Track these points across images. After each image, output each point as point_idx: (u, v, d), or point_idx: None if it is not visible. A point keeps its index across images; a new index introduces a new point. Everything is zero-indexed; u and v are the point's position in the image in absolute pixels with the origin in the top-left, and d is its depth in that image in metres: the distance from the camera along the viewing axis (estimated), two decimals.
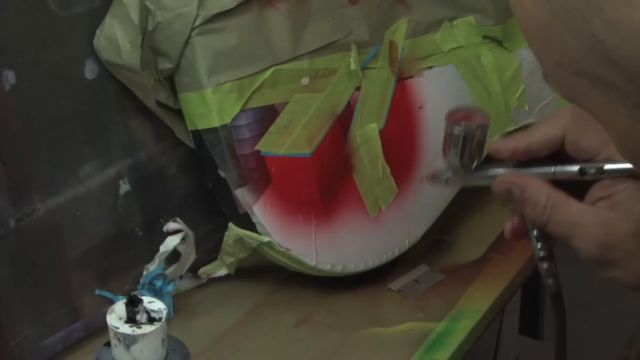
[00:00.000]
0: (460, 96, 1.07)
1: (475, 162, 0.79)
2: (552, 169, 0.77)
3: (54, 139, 0.88)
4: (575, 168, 0.76)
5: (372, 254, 1.00)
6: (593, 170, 0.75)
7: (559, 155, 0.77)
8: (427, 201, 1.04)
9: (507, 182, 0.77)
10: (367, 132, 0.99)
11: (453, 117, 0.78)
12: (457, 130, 0.77)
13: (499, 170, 0.78)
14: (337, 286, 1.00)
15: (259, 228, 0.93)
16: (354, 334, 0.95)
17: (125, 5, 0.88)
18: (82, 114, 0.90)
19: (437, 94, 1.05)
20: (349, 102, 0.98)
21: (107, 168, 0.92)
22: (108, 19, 0.89)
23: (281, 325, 0.96)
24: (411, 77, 1.04)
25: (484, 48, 1.08)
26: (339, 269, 0.98)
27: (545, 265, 0.78)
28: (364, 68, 0.99)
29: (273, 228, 0.93)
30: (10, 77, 0.85)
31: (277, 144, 0.93)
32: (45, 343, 0.88)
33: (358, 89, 0.99)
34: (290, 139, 0.94)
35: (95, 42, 0.90)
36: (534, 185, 0.76)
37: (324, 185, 0.96)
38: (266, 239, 0.93)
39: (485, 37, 1.08)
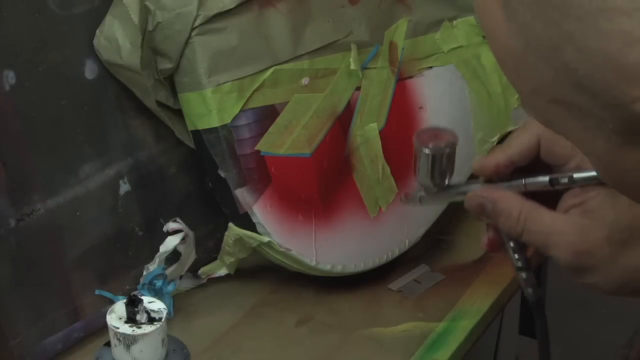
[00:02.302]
0: (460, 96, 1.07)
1: (447, 179, 0.80)
2: (523, 181, 0.77)
3: (54, 139, 0.88)
4: (546, 179, 0.76)
5: (372, 254, 1.00)
6: (564, 180, 0.75)
7: (537, 162, 0.78)
8: None
9: (479, 197, 0.78)
10: (367, 132, 0.99)
11: (421, 137, 0.79)
12: (426, 150, 0.78)
13: (471, 186, 0.79)
14: (337, 286, 1.00)
15: (259, 228, 0.93)
16: (354, 334, 0.95)
17: (125, 5, 0.88)
18: (82, 114, 0.90)
19: (437, 94, 1.05)
20: (349, 102, 0.98)
21: (107, 168, 0.92)
22: (108, 19, 0.89)
23: (281, 325, 0.96)
24: (411, 77, 1.04)
25: (484, 48, 1.08)
26: (339, 269, 0.98)
27: (524, 275, 0.79)
28: (364, 68, 0.99)
29: (273, 228, 0.93)
30: (10, 77, 0.85)
31: (277, 144, 0.93)
32: (45, 343, 0.88)
33: (358, 89, 0.99)
34: (290, 139, 0.94)
35: (95, 42, 0.90)
36: (506, 198, 0.77)
37: (324, 185, 0.96)
38: (266, 239, 0.93)
39: (485, 37, 1.08)
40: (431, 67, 1.06)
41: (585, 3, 0.45)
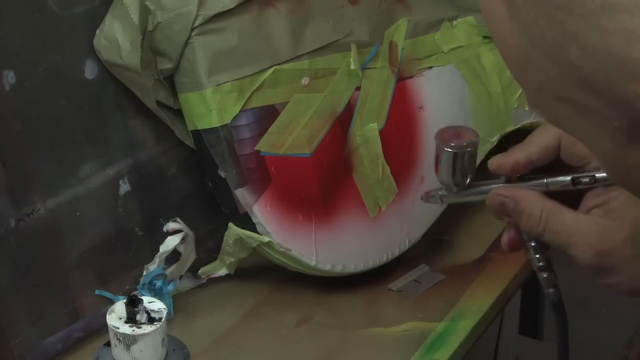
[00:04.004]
0: (460, 96, 1.07)
1: (468, 178, 0.80)
2: (545, 180, 0.77)
3: (54, 139, 0.88)
4: (568, 178, 0.76)
5: (372, 254, 1.00)
6: (586, 179, 0.75)
7: (557, 163, 0.78)
8: None
9: (501, 196, 0.78)
10: (367, 132, 0.99)
11: (443, 136, 0.79)
12: (448, 149, 0.78)
13: (492, 185, 0.79)
14: (337, 286, 1.00)
15: (259, 228, 0.93)
16: (354, 334, 0.95)
17: (125, 5, 0.88)
18: (82, 114, 0.90)
19: (437, 94, 1.05)
20: (349, 102, 0.98)
21: (107, 168, 0.92)
22: (108, 19, 0.89)
23: (281, 325, 0.96)
24: (411, 77, 1.04)
25: (484, 48, 1.08)
26: (339, 269, 0.98)
27: (545, 275, 0.78)
28: (364, 68, 0.99)
29: (273, 228, 0.93)
30: (10, 77, 0.85)
31: (277, 144, 0.93)
32: (45, 343, 0.88)
33: (358, 89, 0.99)
34: (290, 139, 0.94)
35: (95, 42, 0.90)
36: (528, 197, 0.76)
37: (324, 185, 0.96)
38: (266, 239, 0.93)
39: (485, 37, 1.08)
40: (431, 67, 1.06)
41: (588, 1, 0.46)
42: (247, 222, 0.93)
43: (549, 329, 1.64)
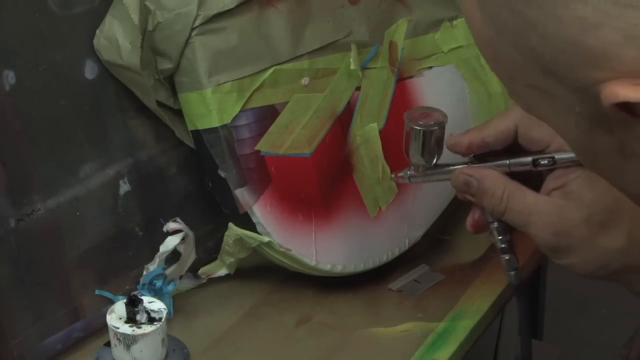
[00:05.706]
0: (461, 96, 1.07)
1: (435, 158, 0.82)
2: (507, 161, 0.80)
3: (54, 139, 0.88)
4: (529, 159, 0.79)
5: (372, 254, 1.00)
6: (545, 161, 0.78)
7: (515, 148, 0.80)
8: (427, 201, 1.04)
9: (465, 174, 0.80)
10: (367, 132, 0.99)
11: (412, 116, 0.83)
12: (417, 128, 0.81)
13: (458, 166, 0.82)
14: (337, 286, 1.00)
15: (259, 228, 0.93)
16: (354, 334, 0.95)
17: (125, 5, 0.88)
18: (82, 114, 0.90)
19: (437, 94, 1.05)
20: (349, 102, 0.98)
21: (107, 168, 0.92)
22: (108, 19, 0.89)
23: (281, 325, 0.96)
24: (411, 77, 1.04)
25: None
26: (339, 269, 0.98)
27: (506, 257, 0.81)
28: (364, 68, 1.00)
29: (273, 228, 0.93)
30: (10, 77, 0.85)
31: (277, 144, 0.93)
32: (45, 343, 0.88)
33: (358, 89, 0.99)
34: (290, 139, 0.94)
35: (95, 42, 0.90)
36: (491, 177, 0.79)
37: (324, 185, 0.96)
38: (266, 239, 0.93)
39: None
40: (431, 67, 1.06)
41: None
42: (247, 222, 0.93)
43: (549, 329, 1.64)
